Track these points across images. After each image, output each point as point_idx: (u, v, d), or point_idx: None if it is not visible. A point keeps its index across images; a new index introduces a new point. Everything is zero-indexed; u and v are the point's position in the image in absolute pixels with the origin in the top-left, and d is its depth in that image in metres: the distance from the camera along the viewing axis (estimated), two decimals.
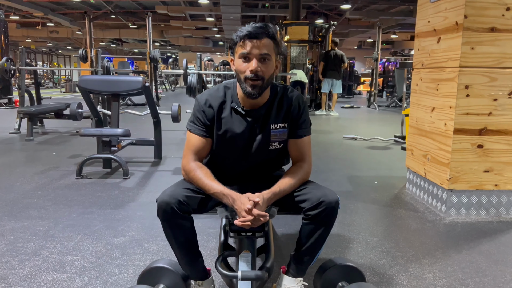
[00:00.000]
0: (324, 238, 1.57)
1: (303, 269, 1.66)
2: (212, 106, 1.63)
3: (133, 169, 4.03)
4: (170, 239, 1.54)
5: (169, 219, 1.48)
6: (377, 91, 11.92)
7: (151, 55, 9.90)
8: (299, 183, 1.60)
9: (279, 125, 1.64)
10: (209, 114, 1.63)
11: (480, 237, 2.53)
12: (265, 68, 1.51)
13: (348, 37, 22.77)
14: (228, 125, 1.64)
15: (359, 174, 4.08)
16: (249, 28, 1.50)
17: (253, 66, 1.49)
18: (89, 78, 3.91)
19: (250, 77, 1.50)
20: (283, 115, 1.65)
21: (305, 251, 1.59)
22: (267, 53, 1.51)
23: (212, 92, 1.67)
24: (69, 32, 21.99)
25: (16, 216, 2.73)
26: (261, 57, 1.50)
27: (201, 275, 1.63)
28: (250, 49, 1.49)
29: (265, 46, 1.50)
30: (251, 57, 1.50)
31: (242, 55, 1.52)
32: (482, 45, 2.65)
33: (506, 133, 2.75)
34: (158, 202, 1.47)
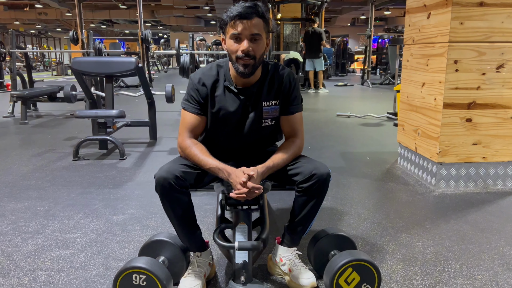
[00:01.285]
0: (316, 209, 1.64)
1: (297, 239, 1.74)
2: (206, 85, 1.67)
3: (129, 150, 4.08)
4: (169, 213, 1.61)
5: (167, 194, 1.54)
6: (370, 68, 11.94)
7: (142, 36, 9.80)
8: (292, 157, 1.67)
9: (270, 102, 1.70)
10: (202, 93, 1.68)
11: (468, 208, 2.62)
12: (256, 48, 1.55)
13: (341, 14, 22.58)
14: (221, 103, 1.69)
15: (351, 151, 4.15)
16: (239, 9, 1.52)
17: (244, 47, 1.53)
18: (82, 60, 3.91)
19: (242, 56, 1.55)
20: (275, 92, 1.70)
21: (298, 221, 1.67)
22: (258, 33, 1.54)
23: (205, 70, 1.71)
24: (58, 14, 21.61)
25: (16, 197, 2.78)
26: (252, 37, 1.54)
27: (199, 247, 1.70)
28: (241, 30, 1.52)
29: (255, 26, 1.53)
30: (242, 37, 1.54)
31: (233, 36, 1.55)
32: (471, 20, 2.68)
33: (494, 107, 2.82)
34: (156, 178, 1.53)
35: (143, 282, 1.49)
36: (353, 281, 1.55)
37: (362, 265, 1.54)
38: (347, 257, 1.56)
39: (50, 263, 1.91)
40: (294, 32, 11.28)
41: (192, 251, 1.71)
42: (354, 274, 1.54)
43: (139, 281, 1.50)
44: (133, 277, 1.49)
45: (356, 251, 1.66)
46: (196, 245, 1.70)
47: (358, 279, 1.55)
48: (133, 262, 1.52)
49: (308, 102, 8.19)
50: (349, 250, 1.63)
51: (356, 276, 1.54)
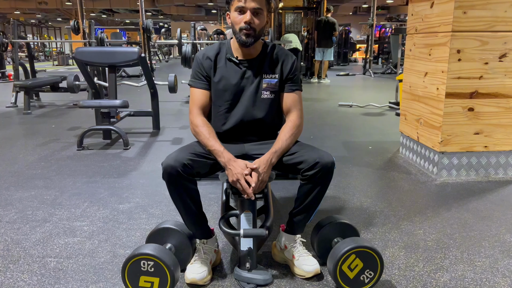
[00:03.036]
0: (320, 196, 1.67)
1: (301, 226, 1.77)
2: (209, 57, 1.80)
3: (133, 139, 4.11)
4: (176, 201, 1.64)
5: (174, 181, 1.57)
6: (372, 58, 11.89)
7: (144, 26, 9.76)
8: (294, 138, 1.75)
9: (270, 75, 1.81)
10: (207, 66, 1.80)
11: (469, 196, 2.65)
12: (257, 21, 1.70)
13: (343, 2, 22.37)
14: (223, 73, 1.79)
15: (354, 140, 4.17)
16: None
17: (247, 18, 1.67)
18: (85, 50, 3.92)
19: (245, 27, 1.69)
20: (275, 67, 1.81)
21: (303, 208, 1.70)
22: (260, 8, 1.69)
23: (208, 47, 1.86)
24: (58, 3, 21.45)
25: (23, 186, 2.82)
26: (254, 11, 1.68)
27: (205, 234, 1.74)
28: (246, 2, 1.67)
29: (258, 1, 1.68)
30: (246, 10, 1.68)
31: (238, 8, 1.69)
32: (474, 9, 2.68)
33: (496, 96, 2.83)
34: (164, 166, 1.56)
35: (151, 269, 1.53)
36: (356, 267, 1.58)
37: (365, 252, 1.58)
38: (350, 244, 1.59)
39: (58, 250, 1.95)
40: (296, 21, 11.22)
41: (198, 238, 1.75)
42: (357, 260, 1.58)
43: (147, 267, 1.53)
44: (141, 263, 1.53)
45: (359, 238, 1.69)
46: (202, 232, 1.74)
47: (361, 265, 1.58)
48: (141, 249, 1.55)
49: (310, 91, 8.19)
50: (352, 237, 1.66)
51: (359, 262, 1.58)
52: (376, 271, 1.60)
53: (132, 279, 1.53)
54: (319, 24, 9.57)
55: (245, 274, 1.64)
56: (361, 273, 1.59)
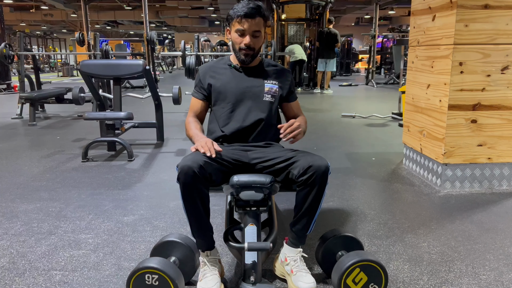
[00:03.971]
0: (316, 203, 1.67)
1: (302, 237, 1.77)
2: (210, 68, 2.01)
3: (137, 151, 4.13)
4: (187, 204, 1.62)
5: (189, 183, 1.56)
6: (375, 68, 11.94)
7: (148, 37, 9.86)
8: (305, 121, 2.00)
9: (272, 82, 1.99)
10: (207, 76, 1.99)
11: (473, 208, 2.65)
12: (256, 42, 1.89)
13: (345, 13, 22.53)
14: (225, 78, 1.97)
15: (357, 151, 4.18)
16: (245, 9, 1.82)
17: (247, 41, 1.86)
18: (91, 63, 3.97)
19: (244, 48, 1.88)
20: (275, 77, 2.00)
21: (300, 217, 1.71)
22: (259, 30, 1.86)
23: (210, 62, 2.08)
24: (64, 15, 21.73)
25: (28, 198, 2.84)
26: (254, 34, 1.86)
27: (210, 244, 1.75)
28: (246, 27, 1.84)
29: (257, 24, 1.85)
30: (246, 33, 1.85)
31: (238, 31, 1.86)
32: (475, 22, 2.71)
33: (499, 108, 2.84)
34: (180, 166, 1.57)
35: (156, 282, 1.54)
36: (360, 281, 1.58)
37: (370, 266, 1.58)
38: (355, 258, 1.59)
39: (64, 263, 1.96)
40: (298, 32, 11.31)
41: (202, 249, 1.74)
42: (362, 274, 1.58)
43: (152, 281, 1.54)
44: (146, 277, 1.54)
45: (363, 252, 1.70)
46: (207, 242, 1.74)
47: (366, 279, 1.58)
48: (146, 263, 1.56)
49: (313, 102, 8.23)
50: (356, 251, 1.67)
51: (364, 276, 1.58)
52: (381, 285, 1.60)
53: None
54: (322, 35, 9.65)
55: (249, 287, 1.64)
56: (365, 287, 1.59)
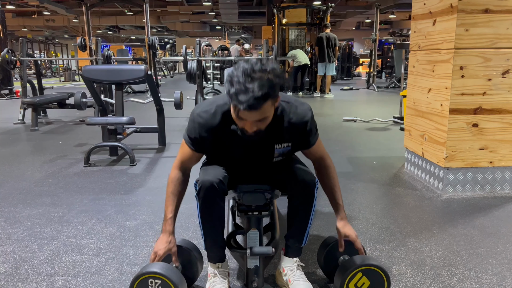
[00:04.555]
0: (305, 217, 1.69)
1: (296, 249, 1.78)
2: (210, 132, 1.60)
3: (139, 156, 4.14)
4: (205, 220, 1.64)
5: (210, 198, 1.58)
6: (375, 72, 11.96)
7: (149, 42, 9.90)
8: (336, 177, 1.75)
9: (282, 145, 1.66)
10: (205, 140, 1.62)
11: (475, 212, 2.64)
12: (262, 125, 1.48)
13: (346, 18, 22.61)
14: (227, 146, 1.64)
15: (358, 155, 4.18)
16: (247, 100, 1.36)
17: (251, 130, 1.48)
18: (93, 68, 3.99)
19: (247, 132, 1.50)
20: (287, 136, 1.63)
21: (293, 230, 1.74)
22: (266, 116, 1.46)
23: (208, 118, 1.59)
24: (65, 20, 21.85)
25: (31, 203, 2.85)
26: (259, 120, 1.45)
27: (222, 257, 1.75)
28: (248, 117, 1.43)
29: (263, 111, 1.42)
30: (249, 120, 1.45)
31: (239, 115, 1.44)
32: (476, 26, 2.72)
33: (500, 112, 2.85)
34: (201, 181, 1.58)
35: (159, 287, 1.54)
36: (363, 286, 1.59)
37: (372, 270, 1.58)
38: (357, 262, 1.59)
39: (66, 268, 1.97)
40: (299, 37, 11.34)
41: (213, 261, 1.74)
42: (364, 278, 1.58)
43: (155, 286, 1.54)
44: (149, 281, 1.54)
45: (365, 256, 1.70)
46: (220, 254, 1.74)
47: (368, 283, 1.58)
48: (149, 268, 1.57)
49: (314, 106, 8.23)
50: (358, 255, 1.67)
51: (366, 280, 1.58)
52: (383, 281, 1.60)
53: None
54: (320, 40, 9.70)
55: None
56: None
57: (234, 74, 1.40)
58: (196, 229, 2.30)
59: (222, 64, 12.55)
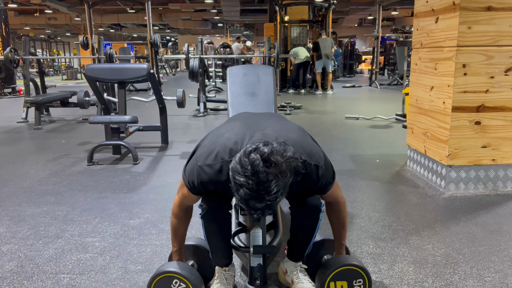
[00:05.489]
0: (310, 234, 1.70)
1: (299, 256, 1.79)
2: (213, 185, 1.47)
3: (142, 154, 4.15)
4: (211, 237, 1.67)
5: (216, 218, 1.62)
6: (378, 69, 11.93)
7: (151, 40, 9.90)
8: (345, 218, 1.70)
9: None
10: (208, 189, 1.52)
11: (478, 210, 2.65)
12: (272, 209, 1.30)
13: (348, 15, 22.55)
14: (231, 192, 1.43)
15: (361, 153, 4.19)
16: (263, 208, 1.22)
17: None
18: (96, 67, 4.00)
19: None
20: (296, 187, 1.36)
21: (297, 242, 1.74)
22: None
23: (212, 174, 1.42)
24: (68, 19, 21.87)
25: (35, 202, 2.87)
26: None
27: (229, 262, 1.76)
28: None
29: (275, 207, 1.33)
30: None
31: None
32: (478, 24, 2.71)
33: (502, 110, 2.85)
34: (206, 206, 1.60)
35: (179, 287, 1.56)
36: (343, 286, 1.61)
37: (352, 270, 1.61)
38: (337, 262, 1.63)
39: (71, 266, 1.98)
40: (301, 34, 11.33)
41: (220, 265, 1.76)
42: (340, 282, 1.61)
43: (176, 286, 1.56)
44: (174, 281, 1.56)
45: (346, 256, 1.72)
46: (227, 261, 1.76)
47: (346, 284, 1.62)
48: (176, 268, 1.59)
49: (316, 104, 8.23)
50: (339, 256, 1.70)
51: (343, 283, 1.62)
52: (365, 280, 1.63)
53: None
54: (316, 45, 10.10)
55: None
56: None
57: (239, 170, 1.18)
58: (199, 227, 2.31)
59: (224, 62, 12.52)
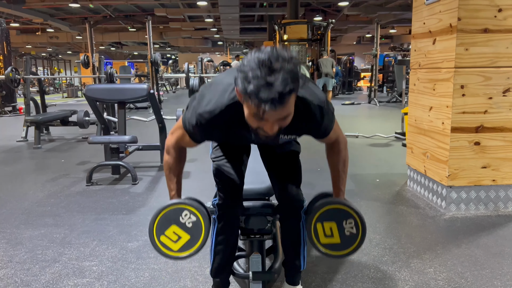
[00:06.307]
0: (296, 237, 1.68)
1: (295, 275, 1.77)
2: (215, 130, 1.43)
3: (141, 174, 4.14)
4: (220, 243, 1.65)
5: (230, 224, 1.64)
6: (377, 87, 12.01)
7: (152, 59, 9.99)
8: (345, 160, 1.61)
9: (289, 136, 1.47)
10: (210, 137, 1.53)
11: (479, 231, 2.62)
12: (284, 123, 1.24)
13: (346, 33, 22.80)
14: (232, 137, 1.50)
15: (361, 172, 4.18)
16: (274, 97, 1.12)
17: (271, 131, 1.23)
18: (96, 87, 4.02)
19: (265, 133, 1.25)
20: (298, 128, 1.42)
21: (288, 253, 1.73)
22: (289, 113, 1.21)
23: (214, 116, 1.36)
24: (69, 37, 22.10)
25: (33, 224, 2.84)
26: (282, 118, 1.21)
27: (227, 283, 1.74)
28: (269, 117, 1.18)
29: (288, 108, 1.19)
30: (269, 120, 1.20)
31: (256, 116, 1.20)
32: (476, 46, 2.74)
33: (502, 130, 2.85)
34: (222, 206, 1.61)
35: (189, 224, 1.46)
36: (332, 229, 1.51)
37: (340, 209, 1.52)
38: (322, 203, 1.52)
39: None
40: (300, 53, 11.43)
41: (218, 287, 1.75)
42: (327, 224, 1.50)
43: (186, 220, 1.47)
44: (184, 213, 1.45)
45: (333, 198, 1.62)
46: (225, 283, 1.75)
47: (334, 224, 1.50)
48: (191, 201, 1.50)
49: None
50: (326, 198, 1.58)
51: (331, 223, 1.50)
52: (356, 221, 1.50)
53: (162, 224, 1.44)
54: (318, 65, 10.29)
55: None
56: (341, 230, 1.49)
57: (247, 68, 1.15)
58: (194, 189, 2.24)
59: None
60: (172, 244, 1.44)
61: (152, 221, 1.44)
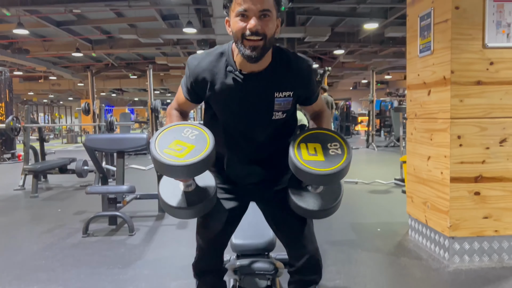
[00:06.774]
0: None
1: None
2: (205, 79, 1.47)
3: (138, 224, 4.08)
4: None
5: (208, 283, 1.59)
6: (374, 131, 12.12)
7: (152, 106, 10.13)
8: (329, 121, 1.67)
9: (283, 93, 1.47)
10: (201, 87, 1.50)
11: (485, 285, 2.56)
12: (266, 25, 1.34)
13: (343, 79, 23.36)
14: (224, 95, 1.48)
15: (362, 221, 4.12)
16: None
17: (252, 24, 1.32)
18: (95, 138, 4.05)
19: (249, 35, 1.33)
20: (289, 82, 1.47)
21: None
22: (268, 9, 1.34)
23: (204, 63, 1.48)
24: (71, 84, 22.57)
25: (26, 279, 2.76)
26: (261, 14, 1.34)
27: None
28: (249, 5, 1.32)
29: (265, 1, 1.33)
30: (250, 14, 1.33)
31: (239, 13, 1.34)
32: (470, 97, 2.79)
33: (501, 180, 2.84)
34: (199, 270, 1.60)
35: (192, 136, 1.39)
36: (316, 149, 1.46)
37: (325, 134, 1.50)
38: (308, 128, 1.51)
39: None
40: None
41: None
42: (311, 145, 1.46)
43: (188, 134, 1.40)
44: (185, 130, 1.41)
45: None
46: None
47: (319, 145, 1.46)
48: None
49: None
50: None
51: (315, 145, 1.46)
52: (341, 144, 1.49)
53: (164, 141, 1.37)
54: None
55: None
56: (326, 149, 1.46)
57: None
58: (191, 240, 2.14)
59: None
60: (177, 153, 1.33)
61: (154, 141, 1.36)
